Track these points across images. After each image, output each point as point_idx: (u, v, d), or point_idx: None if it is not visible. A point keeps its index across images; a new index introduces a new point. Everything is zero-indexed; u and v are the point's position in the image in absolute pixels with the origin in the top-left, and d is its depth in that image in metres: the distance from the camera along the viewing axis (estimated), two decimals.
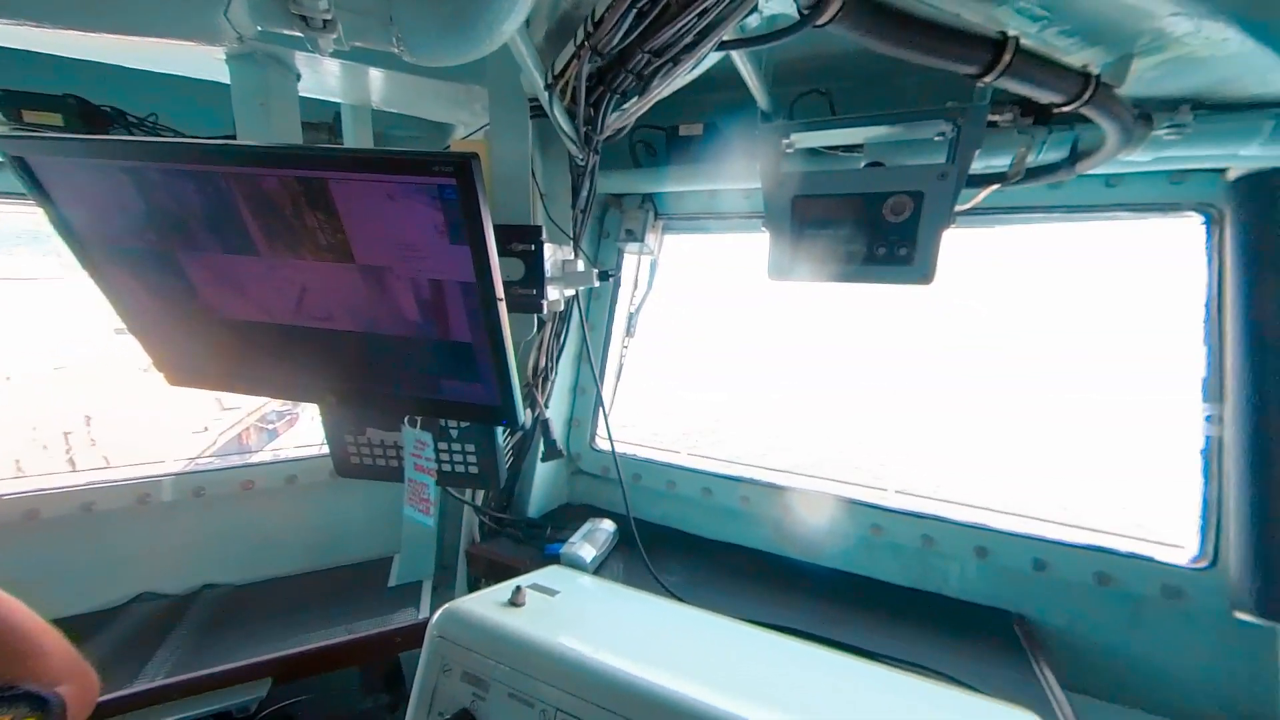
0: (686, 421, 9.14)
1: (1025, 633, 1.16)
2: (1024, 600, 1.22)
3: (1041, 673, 1.03)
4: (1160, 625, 1.11)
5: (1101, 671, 1.16)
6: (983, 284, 13.72)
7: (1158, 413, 4.10)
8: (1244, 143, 0.87)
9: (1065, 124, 0.91)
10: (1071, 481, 6.90)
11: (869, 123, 0.95)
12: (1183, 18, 0.67)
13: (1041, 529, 1.23)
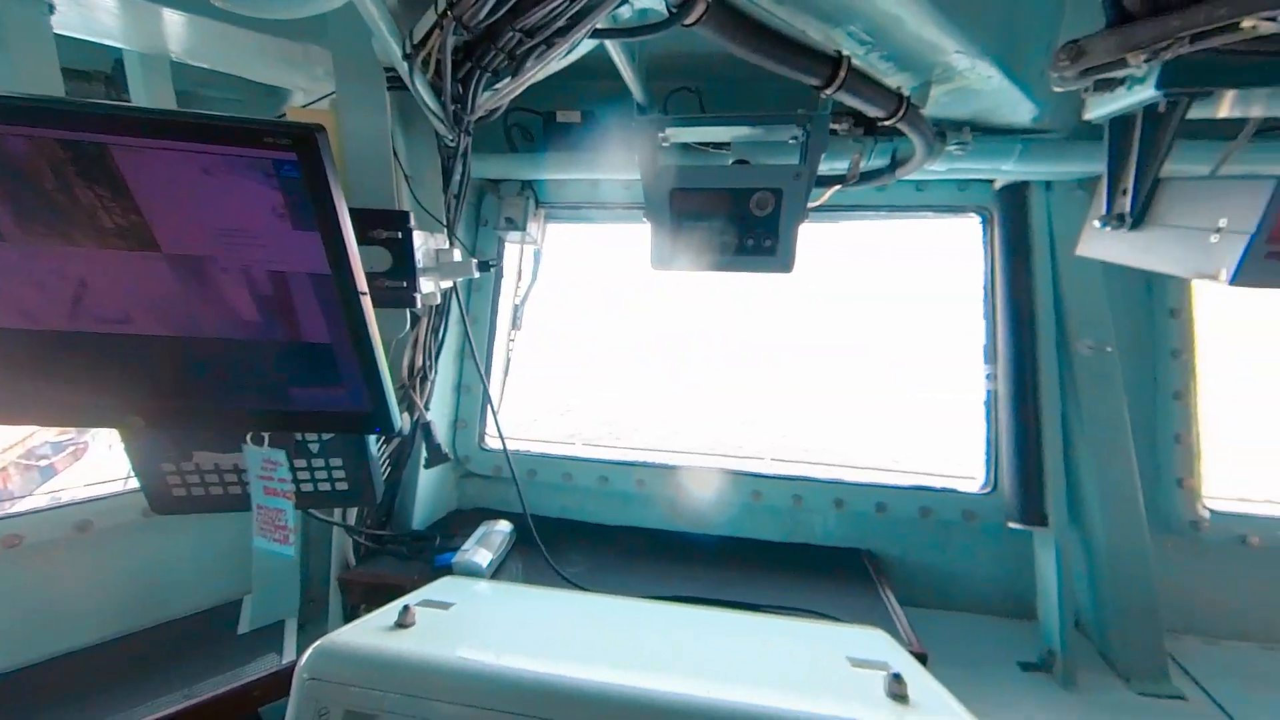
0: (587, 417, 9.18)
1: (872, 564, 1.38)
2: (870, 538, 1.46)
3: (885, 595, 1.24)
4: (962, 542, 1.41)
5: (925, 586, 1.44)
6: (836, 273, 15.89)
7: (963, 375, 5.18)
8: (1004, 160, 1.11)
9: (887, 136, 1.08)
10: (904, 436, 8.33)
11: (735, 123, 1.03)
12: (963, 55, 0.83)
13: (882, 478, 1.47)
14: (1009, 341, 1.32)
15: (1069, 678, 1.18)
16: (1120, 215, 0.90)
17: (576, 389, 10.30)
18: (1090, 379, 1.25)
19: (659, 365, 12.47)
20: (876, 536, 1.45)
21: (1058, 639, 1.20)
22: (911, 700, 0.66)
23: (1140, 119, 0.82)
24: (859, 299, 14.45)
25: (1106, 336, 1.25)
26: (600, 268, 12.13)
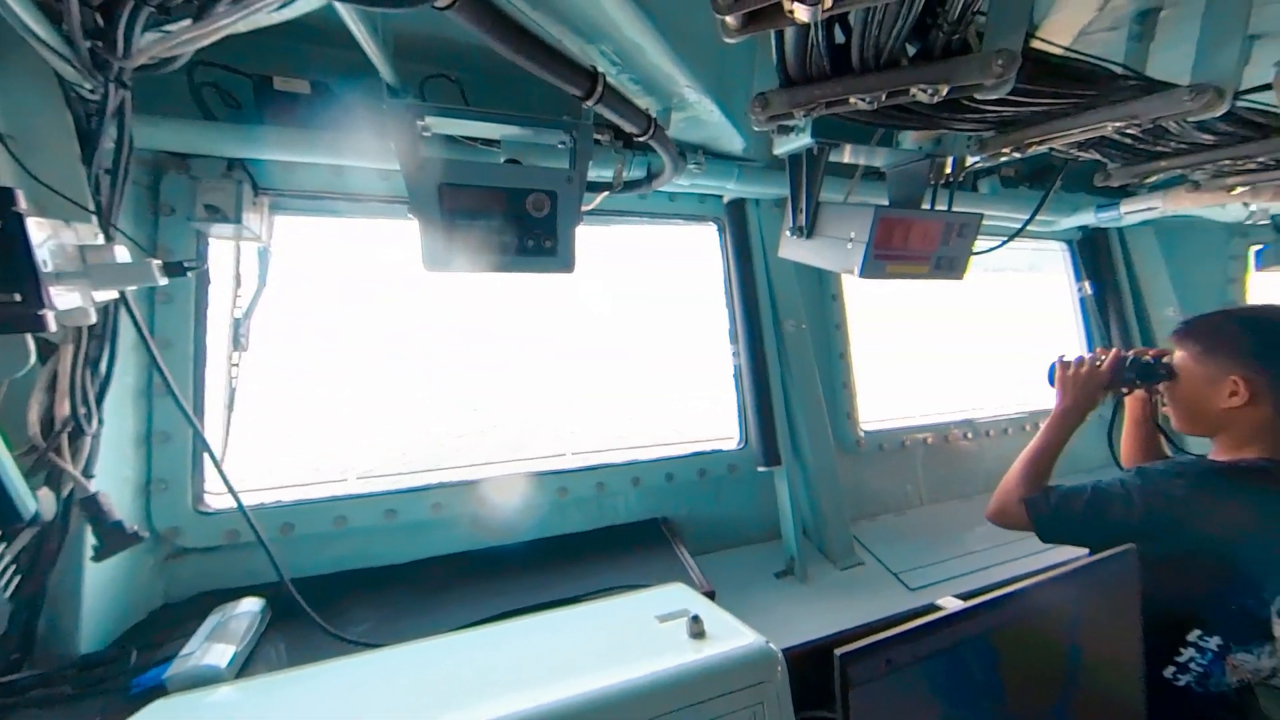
0: (364, 444, 7.73)
1: (668, 529, 1.57)
2: (663, 506, 1.65)
3: (680, 552, 1.43)
4: (729, 491, 1.72)
5: (708, 535, 1.71)
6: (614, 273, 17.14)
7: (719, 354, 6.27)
8: (729, 180, 1.39)
9: (642, 151, 1.22)
10: (686, 411, 9.62)
11: (505, 121, 1.01)
12: (691, 90, 0.99)
13: (669, 450, 1.68)
14: (744, 325, 1.66)
15: (803, 574, 1.57)
16: (800, 227, 1.22)
17: (346, 412, 8.65)
18: (795, 349, 1.68)
19: (434, 373, 11.47)
20: (669, 503, 1.66)
21: (795, 548, 1.58)
22: (708, 634, 0.77)
23: (805, 158, 1.13)
24: (632, 298, 16.03)
25: (800, 316, 1.70)
26: (355, 268, 10.37)
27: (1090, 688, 0.94)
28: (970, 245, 1.14)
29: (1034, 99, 0.82)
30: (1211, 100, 0.76)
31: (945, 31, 0.65)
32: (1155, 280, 2.01)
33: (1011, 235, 1.38)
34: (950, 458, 2.03)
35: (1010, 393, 2.24)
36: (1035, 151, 1.04)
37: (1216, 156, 1.07)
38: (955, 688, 0.81)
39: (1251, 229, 1.84)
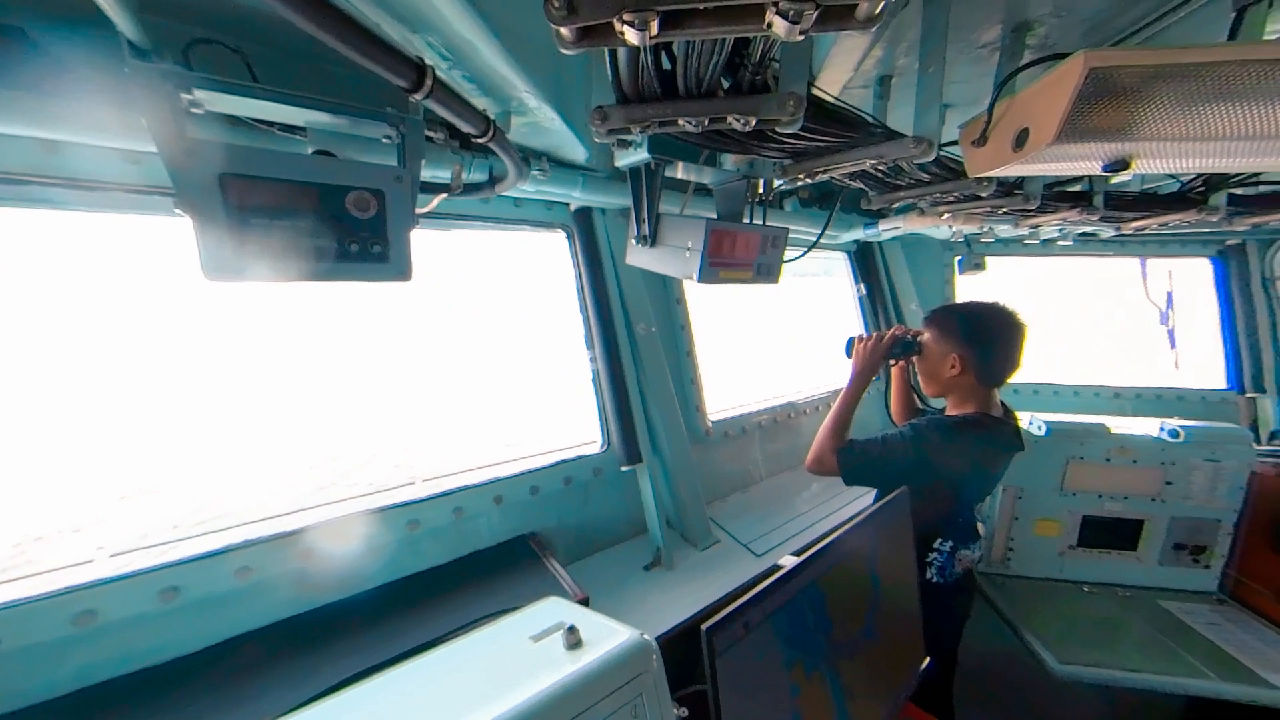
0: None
1: (537, 544, 1.52)
2: (531, 520, 1.60)
3: (551, 564, 1.40)
4: (597, 495, 1.75)
5: (579, 541, 1.71)
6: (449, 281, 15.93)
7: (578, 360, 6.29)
8: (574, 188, 1.41)
9: (483, 153, 1.17)
10: (549, 421, 9.39)
11: (311, 105, 0.87)
12: (530, 96, 0.98)
13: (532, 463, 1.63)
14: (600, 330, 1.70)
15: (670, 562, 1.66)
16: (644, 236, 1.30)
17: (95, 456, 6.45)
18: (647, 351, 1.78)
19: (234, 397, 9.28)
20: (536, 516, 1.61)
21: (660, 539, 1.67)
22: (585, 641, 0.77)
23: (644, 171, 1.21)
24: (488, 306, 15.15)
25: (650, 319, 1.80)
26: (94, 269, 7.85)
27: (886, 602, 1.19)
28: (782, 254, 1.34)
29: (817, 136, 1.00)
30: (925, 149, 1.02)
31: (750, 71, 0.75)
32: (903, 282, 2.63)
33: (810, 246, 1.67)
34: (781, 436, 2.37)
35: (819, 374, 2.70)
36: (821, 178, 1.27)
37: (932, 190, 1.44)
38: (797, 631, 0.94)
39: (955, 244, 2.54)
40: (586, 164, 1.38)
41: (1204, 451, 1.86)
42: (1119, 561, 1.98)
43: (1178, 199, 1.63)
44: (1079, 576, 2.00)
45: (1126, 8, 0.97)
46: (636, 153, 1.07)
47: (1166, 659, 1.60)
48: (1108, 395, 2.56)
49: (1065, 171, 0.94)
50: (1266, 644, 1.67)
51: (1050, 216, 1.67)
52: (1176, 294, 2.61)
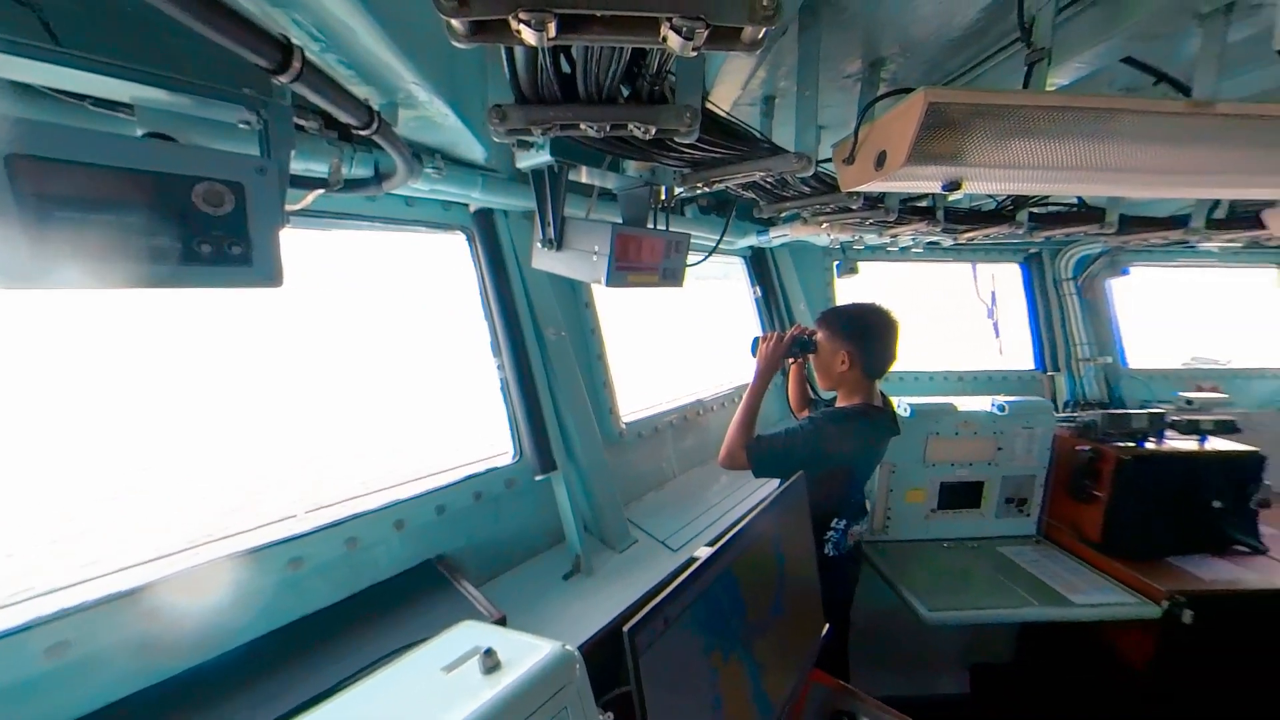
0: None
1: (446, 567, 1.42)
2: (438, 543, 1.49)
3: (463, 588, 1.31)
4: (510, 508, 1.68)
5: (494, 558, 1.62)
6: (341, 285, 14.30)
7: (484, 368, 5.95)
8: (473, 188, 1.34)
9: (365, 147, 1.07)
10: (453, 434, 8.80)
11: (134, 78, 0.72)
12: (420, 88, 0.92)
13: (435, 481, 1.52)
14: (507, 336, 1.63)
15: (589, 568, 1.65)
16: (550, 239, 1.28)
17: None
18: (558, 356, 1.75)
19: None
20: (444, 538, 1.50)
21: (579, 546, 1.65)
22: (504, 663, 0.74)
23: (547, 174, 1.19)
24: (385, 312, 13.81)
25: (560, 324, 1.78)
26: None
27: (791, 580, 1.29)
28: (685, 258, 1.40)
29: (712, 148, 1.06)
30: (805, 164, 1.13)
31: (648, 81, 0.78)
32: (792, 284, 2.88)
33: (710, 251, 1.76)
34: (692, 433, 2.47)
35: (724, 372, 2.86)
36: (718, 187, 1.35)
37: (812, 201, 1.61)
38: (714, 618, 0.98)
39: (834, 251, 2.84)
40: (486, 164, 1.33)
41: (1022, 421, 2.28)
42: (968, 518, 2.35)
43: (995, 215, 1.98)
44: (940, 535, 2.34)
45: (953, 53, 1.16)
46: (538, 155, 1.05)
47: (1004, 594, 1.94)
48: (954, 379, 3.04)
49: (915, 189, 1.10)
50: (1068, 571, 2.09)
51: (906, 227, 1.94)
52: (999, 293, 3.17)
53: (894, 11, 1.00)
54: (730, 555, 1.06)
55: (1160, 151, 0.92)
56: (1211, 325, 3.03)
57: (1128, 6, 0.90)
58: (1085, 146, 0.90)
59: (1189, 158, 0.94)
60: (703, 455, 2.52)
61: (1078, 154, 0.90)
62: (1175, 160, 0.94)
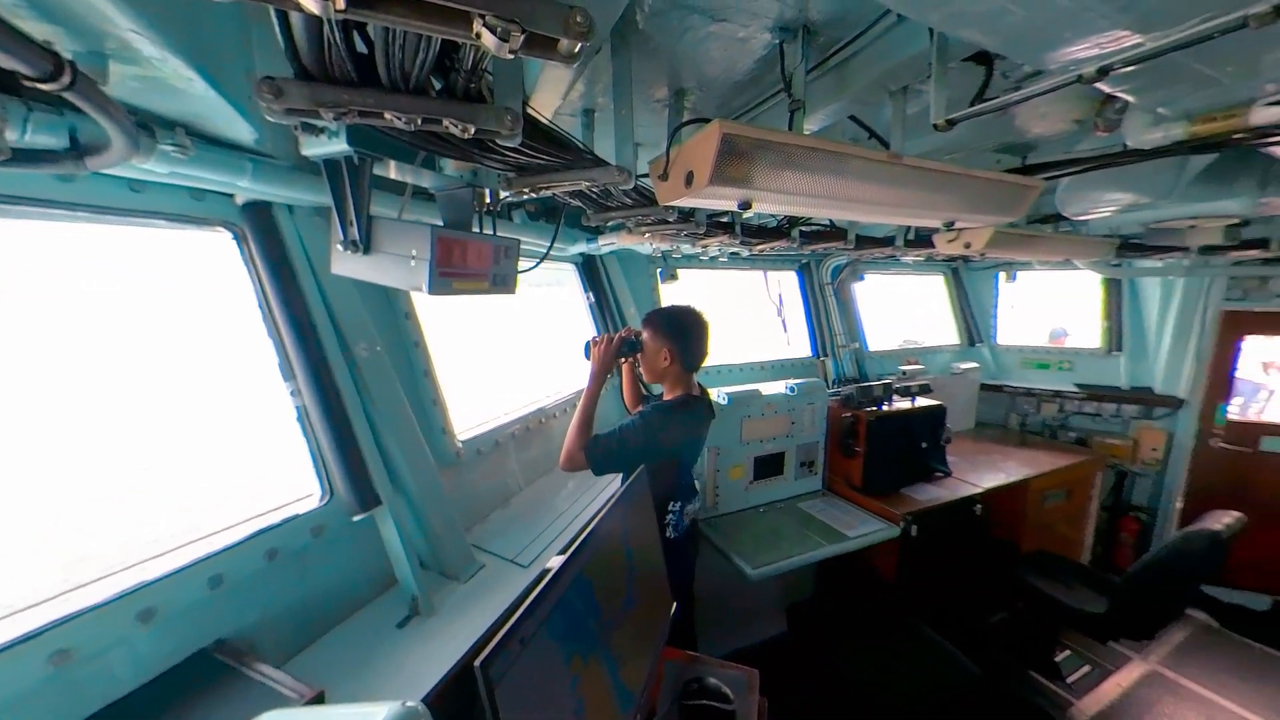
0: None
1: (228, 653, 1.12)
2: (215, 625, 1.16)
3: (258, 673, 1.05)
4: (319, 560, 1.40)
5: (303, 624, 1.33)
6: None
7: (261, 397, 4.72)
8: (239, 176, 1.08)
9: (53, 106, 0.77)
10: (225, 483, 6.92)
11: None
12: (147, 41, 0.71)
13: (207, 545, 1.18)
14: (301, 356, 1.36)
15: (429, 607, 1.48)
16: (354, 241, 1.11)
17: None
18: (373, 375, 1.53)
19: None
20: (222, 617, 1.18)
21: (414, 585, 1.47)
22: None
23: (346, 166, 1.03)
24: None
25: (374, 338, 1.56)
26: None
27: (640, 569, 1.36)
28: (515, 264, 1.36)
29: (537, 154, 1.06)
30: (626, 178, 1.21)
31: (463, 77, 0.73)
32: (622, 290, 3.05)
33: (542, 258, 1.75)
34: (535, 442, 2.41)
35: (564, 377, 2.86)
36: (545, 194, 1.35)
37: (635, 213, 1.72)
38: (571, 625, 0.98)
39: (656, 259, 3.09)
40: (258, 147, 1.08)
41: (807, 399, 2.81)
42: (775, 484, 2.81)
43: (777, 231, 2.41)
44: (756, 502, 2.74)
45: (739, 93, 1.37)
46: (331, 143, 0.90)
47: (804, 541, 2.36)
48: (758, 368, 3.59)
49: (718, 205, 1.26)
50: (844, 513, 2.65)
51: (713, 239, 2.22)
52: (784, 295, 3.86)
53: (691, 50, 1.14)
54: (582, 559, 1.06)
55: (873, 188, 1.23)
56: (912, 315, 4.30)
57: (847, 79, 1.19)
58: (830, 180, 1.15)
59: (890, 194, 1.29)
60: (548, 464, 2.49)
61: (825, 186, 1.16)
62: (882, 195, 1.28)
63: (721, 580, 2.60)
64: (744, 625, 3.02)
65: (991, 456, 3.35)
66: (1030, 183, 1.46)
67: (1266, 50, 0.82)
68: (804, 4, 0.99)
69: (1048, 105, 1.44)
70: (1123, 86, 0.97)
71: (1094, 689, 2.76)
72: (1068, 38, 0.78)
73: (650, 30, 1.04)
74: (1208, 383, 3.58)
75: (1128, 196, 1.76)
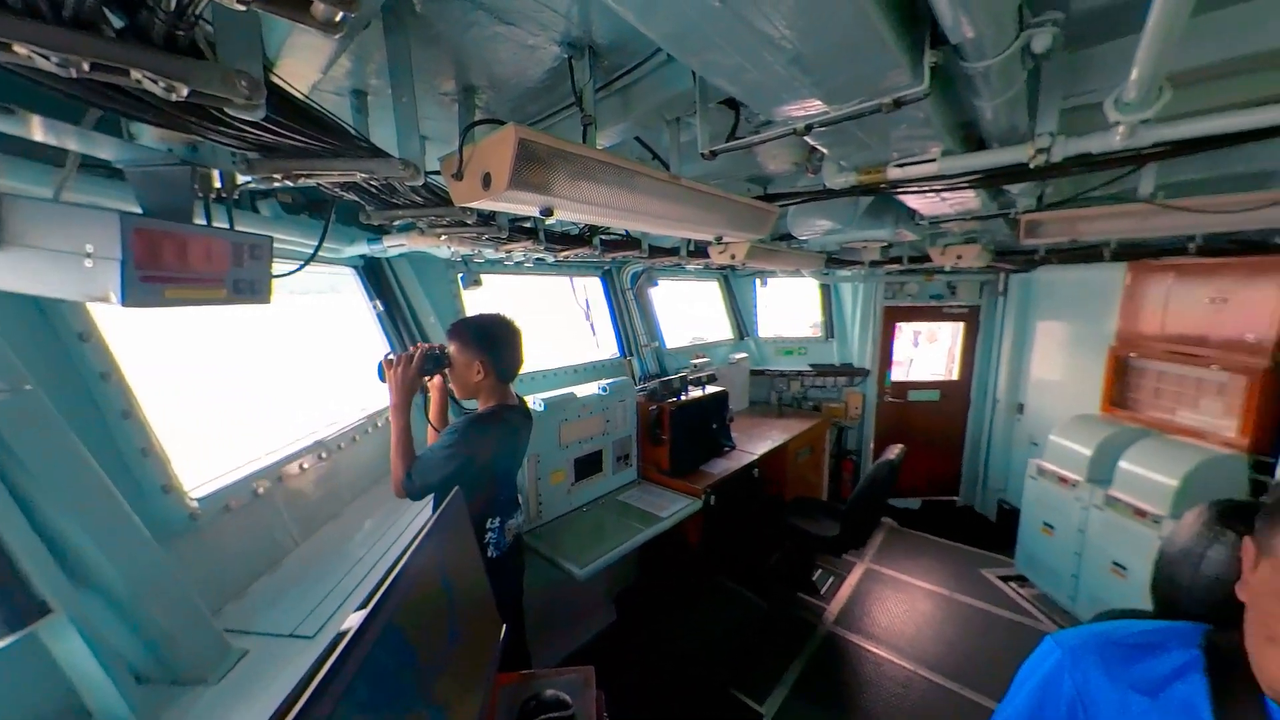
0: None
1: None
2: None
3: None
4: None
5: None
6: None
7: None
8: None
9: None
10: None
11: None
12: None
13: None
14: None
15: None
16: None
17: None
18: (20, 425, 1.03)
19: None
20: None
21: (126, 711, 1.06)
22: None
23: None
24: None
25: (19, 374, 1.06)
26: None
27: (462, 601, 1.25)
28: (268, 267, 1.10)
29: (289, 133, 0.87)
30: (413, 173, 1.09)
31: (161, 19, 0.56)
32: (418, 298, 2.74)
33: (308, 259, 1.44)
34: (313, 484, 1.98)
35: (351, 401, 2.43)
36: (306, 183, 1.12)
37: (428, 213, 1.57)
38: (379, 687, 0.84)
39: (456, 263, 2.87)
40: None
41: (618, 396, 2.99)
42: (596, 482, 2.91)
43: (579, 239, 2.50)
44: (580, 503, 2.80)
45: (533, 100, 1.37)
46: None
47: (625, 530, 2.52)
48: (571, 371, 3.66)
49: (520, 210, 1.24)
50: (656, 496, 2.92)
51: (517, 244, 2.18)
52: (591, 299, 4.03)
53: (478, 47, 1.09)
54: (389, 608, 0.92)
55: (659, 204, 1.39)
56: (698, 316, 5.12)
57: (631, 102, 1.31)
58: (623, 194, 1.25)
59: (673, 210, 1.47)
60: (335, 506, 2.08)
61: (619, 199, 1.25)
62: (666, 210, 1.45)
63: (551, 587, 2.57)
64: (577, 624, 3.06)
65: (761, 428, 4.12)
66: (770, 208, 1.85)
67: (893, 129, 1.21)
68: (588, 25, 1.05)
69: (778, 149, 1.85)
70: (820, 141, 1.30)
71: (836, 593, 3.65)
72: (785, 98, 1.01)
73: (430, 16, 0.96)
74: (879, 357, 5.10)
75: (827, 223, 2.37)
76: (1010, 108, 1.11)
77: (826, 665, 2.93)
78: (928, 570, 3.97)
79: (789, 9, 0.70)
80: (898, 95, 0.94)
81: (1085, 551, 3.22)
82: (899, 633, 3.22)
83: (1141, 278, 3.54)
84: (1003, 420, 4.91)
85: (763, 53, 0.81)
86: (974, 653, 3.03)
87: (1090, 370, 3.91)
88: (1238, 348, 2.92)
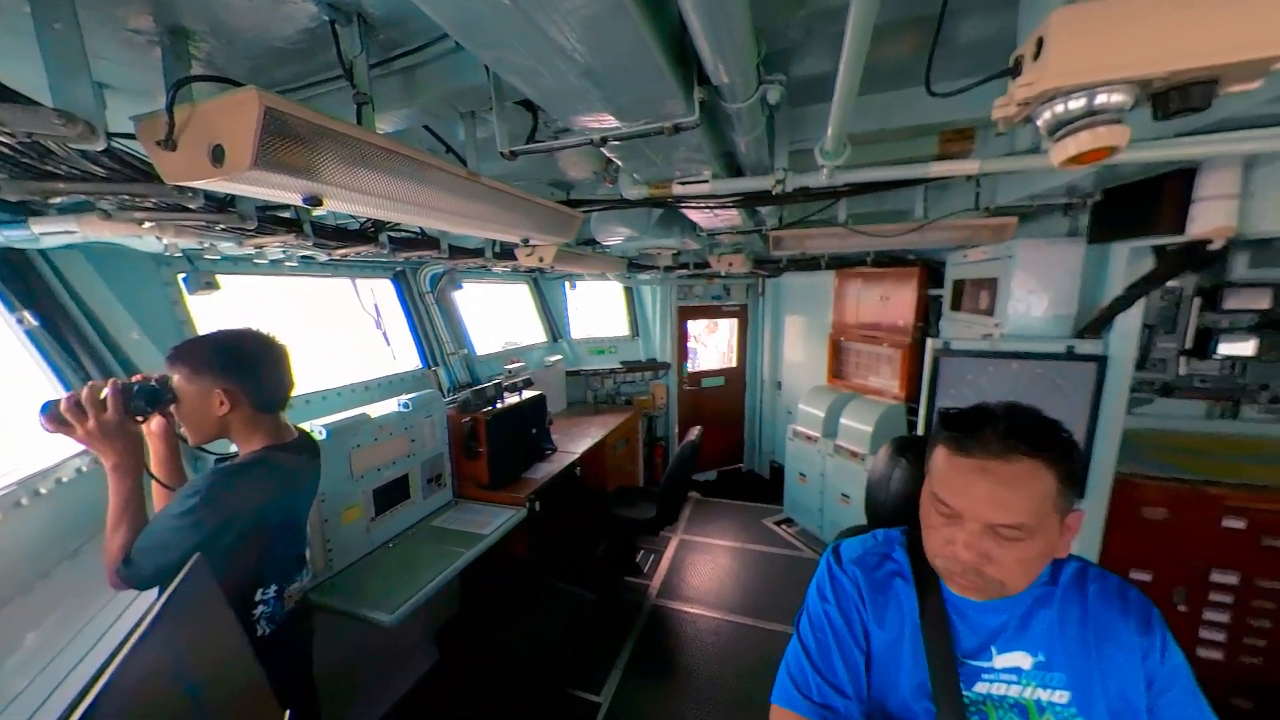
0: None
1: None
2: None
3: None
4: None
5: None
6: None
7: None
8: None
9: None
10: None
11: None
12: None
13: None
14: None
15: None
16: None
17: None
18: None
19: None
20: None
21: None
22: None
23: None
24: None
25: None
26: None
27: (215, 703, 0.96)
28: None
29: None
30: (85, 133, 0.78)
31: None
32: (108, 306, 1.96)
33: None
34: None
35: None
36: None
37: (114, 190, 1.13)
38: None
39: (174, 260, 2.16)
40: None
41: (423, 412, 2.69)
42: (403, 510, 2.57)
43: (361, 235, 2.16)
44: (384, 538, 2.43)
45: (281, 63, 1.12)
46: None
47: (443, 558, 2.29)
48: (360, 389, 3.14)
49: (273, 197, 1.00)
50: (476, 514, 2.73)
51: (271, 239, 1.76)
52: (381, 305, 3.51)
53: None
54: None
55: (456, 201, 1.29)
56: (510, 319, 4.89)
57: (416, 87, 1.19)
58: (413, 187, 1.12)
59: (472, 209, 1.39)
60: None
61: (408, 192, 1.12)
62: (465, 209, 1.36)
63: (354, 644, 2.18)
64: (393, 675, 2.65)
65: (580, 427, 4.23)
66: (573, 213, 1.90)
67: (674, 150, 1.38)
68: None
69: (578, 157, 1.91)
70: (615, 154, 1.39)
71: (658, 569, 4.00)
72: (580, 109, 1.05)
73: None
74: (676, 351, 5.78)
75: (626, 230, 2.57)
76: (758, 144, 1.38)
77: (654, 638, 3.19)
78: (725, 530, 4.67)
79: (578, 22, 0.73)
80: (676, 121, 1.07)
81: (825, 490, 4.24)
82: (708, 590, 3.71)
83: (844, 282, 4.83)
84: (769, 396, 6.14)
85: (556, 60, 0.82)
86: (762, 590, 3.69)
87: (819, 352, 5.17)
88: (896, 330, 4.23)
